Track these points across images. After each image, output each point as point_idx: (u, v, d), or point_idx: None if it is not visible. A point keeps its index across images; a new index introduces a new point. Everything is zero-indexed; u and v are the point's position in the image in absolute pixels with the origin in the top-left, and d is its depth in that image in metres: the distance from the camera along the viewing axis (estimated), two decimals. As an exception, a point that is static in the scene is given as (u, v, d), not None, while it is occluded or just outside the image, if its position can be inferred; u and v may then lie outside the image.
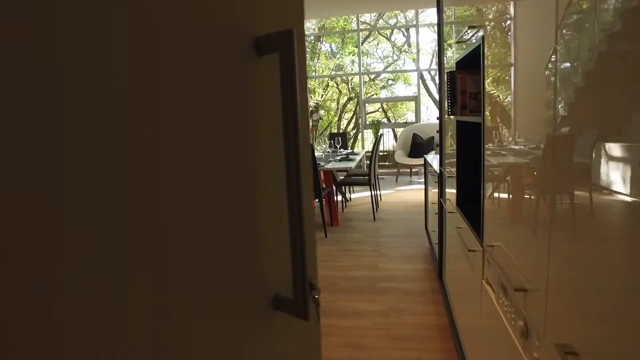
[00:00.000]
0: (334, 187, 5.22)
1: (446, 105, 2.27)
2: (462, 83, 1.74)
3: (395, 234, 4.28)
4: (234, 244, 0.58)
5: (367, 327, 2.47)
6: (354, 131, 13.01)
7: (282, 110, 0.58)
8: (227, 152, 0.56)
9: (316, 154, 5.74)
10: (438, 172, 2.59)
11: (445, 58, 2.54)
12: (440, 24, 2.52)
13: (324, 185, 4.94)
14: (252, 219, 0.62)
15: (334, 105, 13.49)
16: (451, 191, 2.23)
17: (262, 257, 0.66)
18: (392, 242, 4.01)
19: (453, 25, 2.39)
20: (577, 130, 0.72)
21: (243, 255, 0.60)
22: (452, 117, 1.97)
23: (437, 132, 3.07)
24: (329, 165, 4.63)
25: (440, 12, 2.46)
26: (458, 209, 1.92)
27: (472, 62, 1.70)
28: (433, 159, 3.50)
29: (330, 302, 2.81)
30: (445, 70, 2.09)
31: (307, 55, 11.24)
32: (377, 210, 5.26)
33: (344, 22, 12.10)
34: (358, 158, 5.20)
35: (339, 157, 5.21)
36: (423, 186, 6.87)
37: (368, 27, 12.28)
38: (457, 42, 1.75)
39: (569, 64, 0.75)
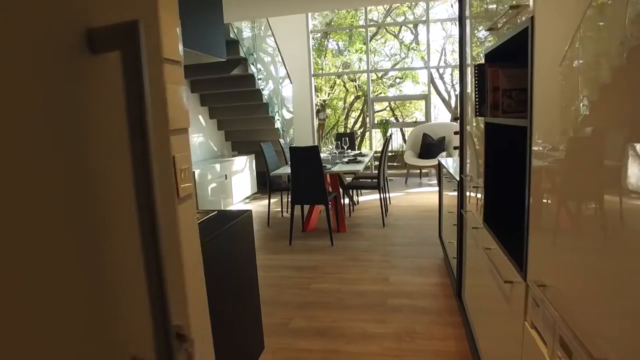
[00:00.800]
0: (341, 190, 4.95)
1: (473, 103, 2.00)
2: (494, 78, 1.46)
3: (407, 242, 4.00)
4: (66, 289, 0.42)
5: (376, 353, 2.20)
6: (361, 130, 12.75)
7: (128, 122, 0.46)
8: (52, 167, 0.44)
9: (322, 155, 5.47)
10: (457, 179, 2.31)
11: (464, 52, 2.27)
12: (462, 11, 2.24)
13: (330, 189, 4.67)
14: (91, 253, 0.49)
15: (340, 104, 13.23)
16: (475, 202, 1.95)
17: (111, 306, 0.50)
18: (403, 251, 3.74)
19: (469, 20, 2.12)
20: None
21: (81, 306, 0.45)
22: (479, 118, 1.69)
23: (455, 133, 2.80)
24: (336, 168, 4.36)
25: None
26: (486, 225, 1.64)
27: (507, 53, 1.43)
28: (449, 162, 3.22)
29: (336, 321, 2.54)
30: (474, 64, 1.81)
31: (314, 53, 11.05)
32: (386, 215, 4.99)
33: (351, 19, 11.82)
34: (366, 160, 4.93)
35: (346, 159, 4.95)
36: (434, 189, 6.61)
37: (376, 24, 11.99)
38: (489, 29, 1.48)
39: None
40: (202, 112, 6.27)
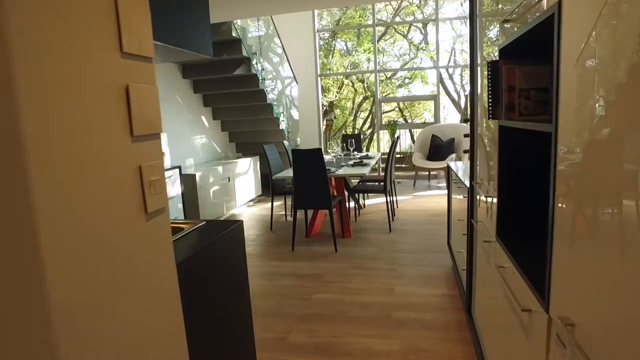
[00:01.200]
0: (347, 194, 4.79)
1: (484, 105, 1.83)
2: (509, 77, 1.30)
3: (414, 249, 3.83)
4: None
5: (380, 373, 2.05)
6: (370, 130, 12.58)
7: None
8: None
9: (327, 157, 5.33)
10: (468, 186, 2.14)
11: (476, 49, 2.10)
12: (473, 8, 2.08)
13: (335, 193, 4.52)
14: None
15: (349, 104, 13.08)
16: (487, 212, 1.79)
17: None
18: (410, 259, 3.57)
19: (479, 18, 1.95)
20: None
21: None
22: (491, 121, 1.53)
23: (465, 136, 2.64)
24: (341, 171, 4.21)
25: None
26: (499, 239, 1.48)
27: (525, 48, 1.26)
28: (458, 166, 3.05)
29: (337, 337, 2.39)
30: (486, 61, 1.65)
31: (322, 52, 10.94)
32: (393, 220, 4.82)
33: (359, 18, 11.65)
34: (372, 162, 4.76)
35: (352, 162, 4.79)
36: (443, 192, 6.42)
37: (384, 23, 11.82)
38: (504, 22, 1.32)
39: None
40: (205, 112, 6.16)
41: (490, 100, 1.40)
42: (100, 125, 0.82)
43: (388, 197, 4.62)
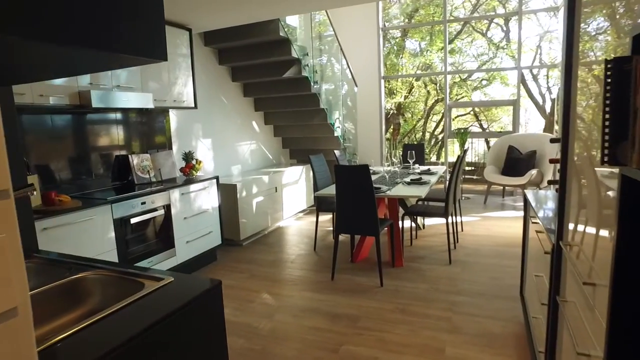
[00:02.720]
0: (401, 212, 4.17)
1: (598, 133, 1.20)
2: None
3: (476, 291, 3.13)
4: None
5: None
6: (442, 135, 11.68)
7: None
8: None
9: (380, 170, 4.73)
10: (554, 245, 1.47)
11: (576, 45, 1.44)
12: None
13: (386, 214, 3.93)
14: None
15: (421, 106, 12.26)
16: (584, 296, 1.14)
17: None
18: (470, 305, 2.89)
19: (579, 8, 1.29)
20: None
21: None
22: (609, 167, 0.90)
23: (550, 161, 1.96)
24: (392, 192, 3.59)
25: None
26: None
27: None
28: (538, 199, 2.33)
29: (362, 421, 1.83)
30: (606, 58, 1.01)
31: (392, 53, 10.20)
32: (455, 247, 4.12)
33: (433, 15, 10.81)
34: (433, 180, 4.09)
35: (408, 179, 4.14)
36: (518, 213, 5.52)
37: (458, 19, 10.86)
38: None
39: None
40: (256, 117, 5.82)
41: (607, 129, 0.77)
42: None
43: (452, 218, 3.93)
